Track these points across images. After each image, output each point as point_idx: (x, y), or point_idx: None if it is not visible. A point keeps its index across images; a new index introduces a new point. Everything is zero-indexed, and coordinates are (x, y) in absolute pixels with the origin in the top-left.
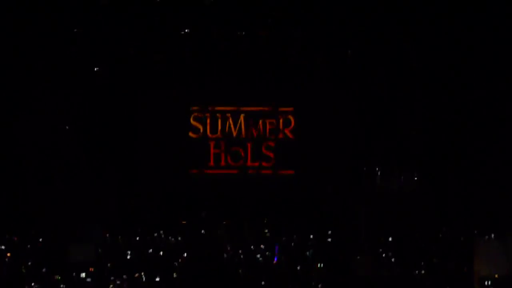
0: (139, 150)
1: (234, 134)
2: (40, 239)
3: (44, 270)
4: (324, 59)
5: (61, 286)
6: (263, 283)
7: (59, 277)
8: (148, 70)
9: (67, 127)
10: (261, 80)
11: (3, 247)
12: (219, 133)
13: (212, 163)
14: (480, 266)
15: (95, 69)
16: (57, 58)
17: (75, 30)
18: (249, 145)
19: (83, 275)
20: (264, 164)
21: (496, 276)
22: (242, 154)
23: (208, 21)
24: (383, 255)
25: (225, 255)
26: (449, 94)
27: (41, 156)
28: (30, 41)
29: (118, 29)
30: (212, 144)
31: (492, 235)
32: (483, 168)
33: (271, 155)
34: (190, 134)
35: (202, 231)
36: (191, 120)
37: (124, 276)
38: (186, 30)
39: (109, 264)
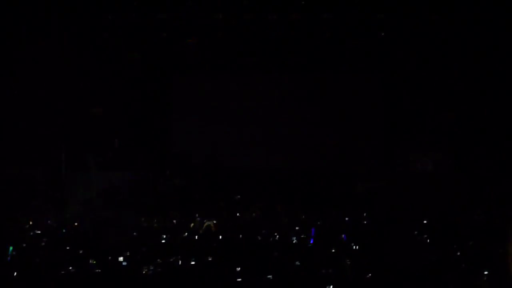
0: (174, 134)
1: None
2: (75, 223)
3: (79, 253)
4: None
5: (96, 270)
6: (297, 263)
7: (94, 261)
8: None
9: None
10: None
11: (38, 231)
12: None
13: None
14: None
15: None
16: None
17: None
18: None
19: (120, 259)
20: None
21: None
22: None
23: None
24: (418, 237)
25: (259, 238)
26: (484, 72)
27: (74, 140)
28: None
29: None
30: None
31: None
32: None
33: None
34: None
35: (237, 214)
36: None
37: (159, 260)
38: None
39: (143, 248)
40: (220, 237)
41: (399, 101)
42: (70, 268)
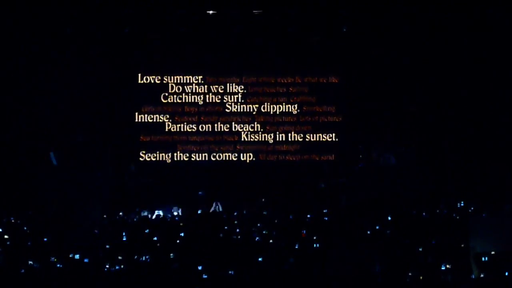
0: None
1: None
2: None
3: (40, 251)
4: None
5: (58, 266)
6: (260, 259)
7: (56, 259)
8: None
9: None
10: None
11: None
12: None
13: None
14: (476, 242)
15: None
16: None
17: None
18: None
19: (77, 256)
20: None
21: (493, 252)
22: None
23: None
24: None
25: (221, 235)
26: (445, 62)
27: (36, 134)
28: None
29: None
30: None
31: (488, 212)
32: (481, 144)
33: None
34: None
35: (199, 211)
36: None
37: (120, 257)
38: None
39: (107, 246)
40: (182, 234)
41: (360, 95)
42: (31, 264)
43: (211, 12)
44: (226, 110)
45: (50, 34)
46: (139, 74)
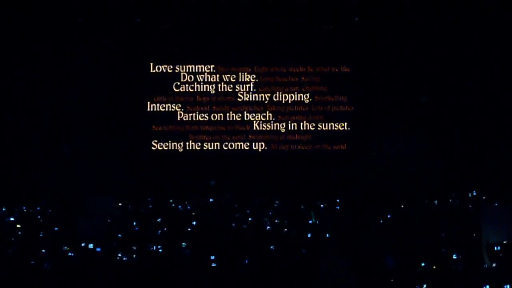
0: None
1: None
2: (50, 210)
3: (53, 241)
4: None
5: (70, 254)
6: (272, 247)
7: (68, 248)
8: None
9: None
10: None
11: (12, 218)
12: None
13: None
14: (488, 232)
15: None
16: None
17: None
18: None
19: (91, 245)
20: None
21: (505, 242)
22: None
23: None
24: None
25: (233, 225)
26: (458, 56)
27: (49, 124)
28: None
29: None
30: None
31: (500, 201)
32: (494, 134)
33: None
34: None
35: (211, 199)
36: None
37: (134, 247)
38: None
39: (119, 235)
40: (194, 223)
41: (372, 84)
42: (44, 253)
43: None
44: (238, 99)
45: (62, 25)
46: (151, 64)
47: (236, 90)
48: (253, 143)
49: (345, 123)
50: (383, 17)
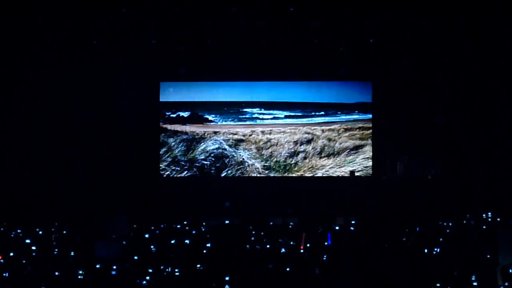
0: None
1: None
2: (64, 232)
3: (69, 262)
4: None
5: (82, 278)
6: (287, 269)
7: (84, 271)
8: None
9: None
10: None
11: (28, 240)
12: None
13: None
14: (504, 254)
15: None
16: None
17: None
18: None
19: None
20: None
21: None
22: None
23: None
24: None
25: (247, 246)
26: (473, 76)
27: (61, 146)
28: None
29: None
30: None
31: None
32: (509, 155)
33: None
34: None
35: (226, 221)
36: None
37: (150, 270)
38: None
39: (135, 257)
40: (209, 244)
41: (388, 105)
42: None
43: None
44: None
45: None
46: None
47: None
48: None
49: None
50: (395, 42)
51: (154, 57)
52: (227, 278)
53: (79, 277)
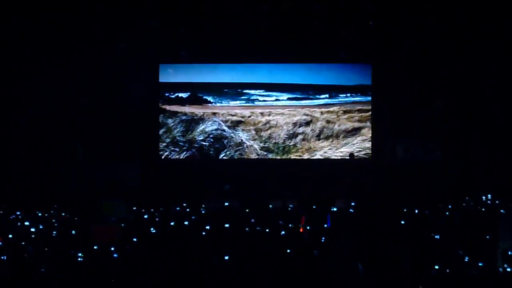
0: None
1: None
2: (63, 214)
3: (68, 246)
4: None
5: (80, 259)
6: (288, 251)
7: (82, 254)
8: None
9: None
10: None
11: (27, 222)
12: None
13: None
14: (503, 236)
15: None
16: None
17: None
18: None
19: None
20: None
21: None
22: None
23: None
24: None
25: (247, 229)
26: (471, 62)
27: (60, 128)
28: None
29: None
30: None
31: None
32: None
33: None
34: None
35: (226, 203)
36: None
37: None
38: None
39: (134, 239)
40: (208, 227)
41: (388, 87)
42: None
43: None
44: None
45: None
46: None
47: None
48: None
49: None
50: (395, 25)
51: (154, 40)
52: (226, 258)
53: (79, 259)
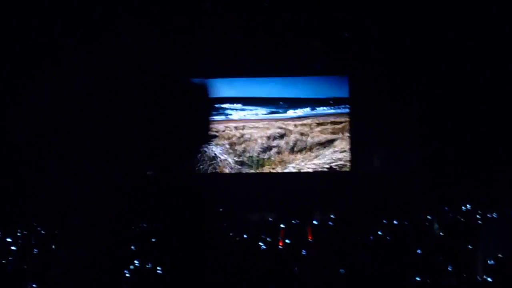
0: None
1: None
2: (43, 231)
3: (44, 263)
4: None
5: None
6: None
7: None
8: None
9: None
10: None
11: (9, 239)
12: None
13: None
14: (483, 245)
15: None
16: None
17: None
18: None
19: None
20: None
21: (500, 255)
22: None
23: None
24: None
25: (226, 243)
26: (451, 68)
27: (35, 149)
28: None
29: None
30: None
31: (495, 215)
32: (488, 148)
33: None
34: None
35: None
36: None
37: (131, 266)
38: None
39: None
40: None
41: (364, 97)
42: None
43: None
44: None
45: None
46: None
47: None
48: None
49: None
50: (370, 35)
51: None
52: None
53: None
